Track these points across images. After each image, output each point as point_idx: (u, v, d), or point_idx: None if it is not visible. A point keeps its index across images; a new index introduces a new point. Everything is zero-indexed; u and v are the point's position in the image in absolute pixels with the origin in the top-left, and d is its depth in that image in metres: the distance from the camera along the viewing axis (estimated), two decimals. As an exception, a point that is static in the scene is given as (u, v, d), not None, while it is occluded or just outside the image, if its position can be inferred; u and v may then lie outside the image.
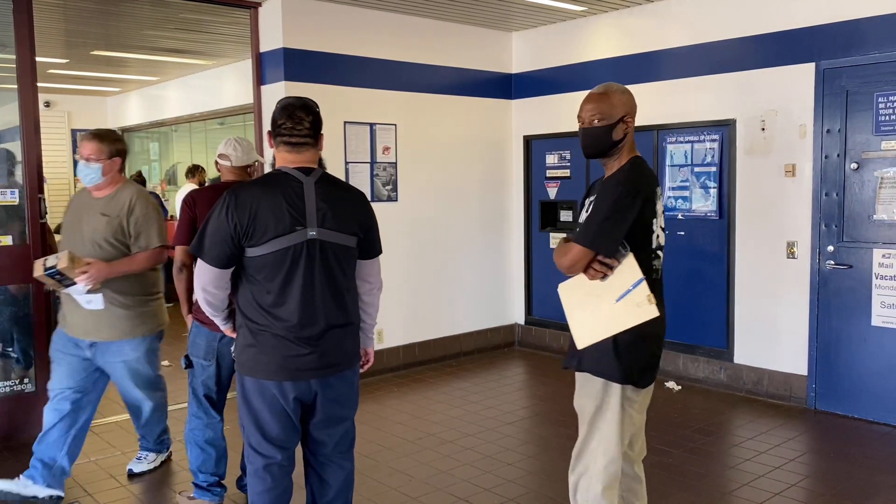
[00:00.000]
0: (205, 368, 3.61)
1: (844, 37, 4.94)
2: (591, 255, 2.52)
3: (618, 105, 2.60)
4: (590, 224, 2.54)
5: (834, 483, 4.02)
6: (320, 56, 5.80)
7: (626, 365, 2.57)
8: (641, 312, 2.51)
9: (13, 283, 4.73)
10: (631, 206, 2.50)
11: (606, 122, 2.59)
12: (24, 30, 4.64)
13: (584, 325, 2.60)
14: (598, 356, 2.59)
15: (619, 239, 2.51)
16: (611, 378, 2.58)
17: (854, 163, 4.94)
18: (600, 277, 2.54)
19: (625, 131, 2.61)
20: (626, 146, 2.63)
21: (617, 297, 2.53)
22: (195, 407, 3.69)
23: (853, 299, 4.97)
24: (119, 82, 10.31)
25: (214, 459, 3.72)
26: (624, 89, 2.66)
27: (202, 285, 2.67)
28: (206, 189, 3.75)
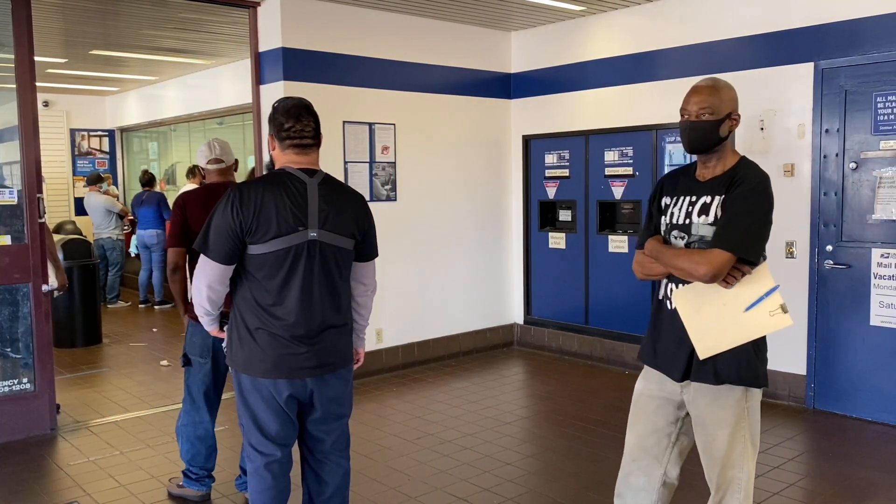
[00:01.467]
0: (202, 366, 3.69)
1: (843, 36, 4.94)
2: (735, 260, 2.40)
3: (726, 100, 2.51)
4: (736, 229, 2.39)
5: (832, 482, 4.02)
6: (319, 56, 5.80)
7: (763, 368, 2.53)
8: (775, 322, 2.43)
9: (12, 282, 4.72)
10: (770, 212, 2.45)
11: (715, 118, 2.49)
12: (23, 29, 4.64)
13: (708, 335, 2.47)
14: (738, 364, 2.47)
15: (764, 245, 2.44)
16: (754, 384, 2.50)
17: (853, 162, 4.94)
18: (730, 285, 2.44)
19: (731, 128, 2.53)
20: (728, 144, 2.55)
21: (747, 305, 2.43)
22: (188, 404, 3.78)
23: (852, 299, 4.97)
24: (118, 82, 10.30)
25: (204, 455, 3.80)
26: (731, 85, 2.57)
27: (207, 282, 2.66)
28: (198, 191, 3.77)
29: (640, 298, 6.13)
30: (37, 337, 4.79)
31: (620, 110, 6.24)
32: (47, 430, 4.85)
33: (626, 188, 6.24)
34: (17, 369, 4.85)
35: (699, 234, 2.49)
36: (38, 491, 3.99)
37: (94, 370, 6.59)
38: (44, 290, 4.78)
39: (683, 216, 2.56)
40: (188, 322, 3.70)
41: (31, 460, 4.43)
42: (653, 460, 2.68)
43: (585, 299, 6.57)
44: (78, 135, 11.45)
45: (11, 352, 4.94)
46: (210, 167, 3.80)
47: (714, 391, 2.52)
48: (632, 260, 2.75)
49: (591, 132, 6.46)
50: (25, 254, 4.72)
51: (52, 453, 4.56)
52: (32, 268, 4.74)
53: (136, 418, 5.19)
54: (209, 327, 2.86)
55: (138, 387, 5.97)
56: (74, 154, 11.43)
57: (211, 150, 3.80)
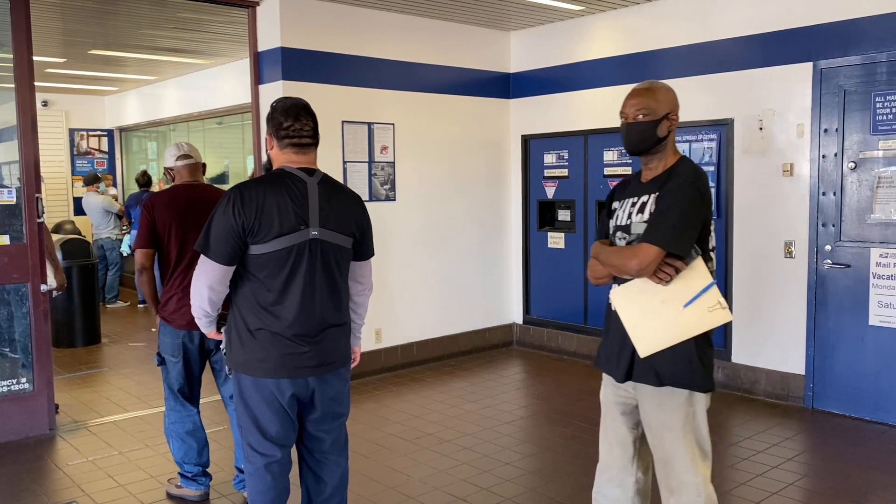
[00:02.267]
0: (174, 365, 3.73)
1: (842, 36, 4.94)
2: (663, 256, 2.40)
3: (663, 101, 2.53)
4: (663, 224, 2.41)
5: (831, 482, 4.02)
6: (318, 55, 5.80)
7: (707, 371, 2.50)
8: (714, 317, 2.41)
9: (10, 282, 4.72)
10: (702, 206, 2.45)
11: (651, 118, 2.52)
12: (22, 29, 4.64)
13: (648, 333, 2.46)
14: (680, 367, 2.46)
15: (694, 240, 2.43)
16: (698, 388, 2.48)
17: (851, 162, 4.94)
18: (667, 281, 2.43)
19: (669, 128, 2.54)
20: (669, 144, 2.57)
21: (685, 301, 2.42)
22: (172, 401, 3.81)
23: (851, 299, 4.97)
24: (117, 81, 10.29)
25: (196, 450, 3.82)
26: (669, 87, 2.60)
27: (209, 284, 2.64)
28: (166, 192, 3.79)
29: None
30: (35, 337, 4.79)
31: (619, 110, 6.22)
32: (46, 430, 4.84)
33: (625, 188, 6.23)
34: (15, 369, 4.85)
35: (637, 232, 2.52)
36: (37, 491, 3.98)
37: (92, 370, 6.59)
38: (42, 290, 4.78)
39: (626, 217, 2.59)
40: (159, 322, 3.75)
41: (30, 460, 4.42)
42: (622, 470, 2.69)
43: (585, 299, 6.57)
44: (77, 134, 11.44)
45: (10, 352, 4.94)
46: (180, 164, 3.81)
47: (658, 394, 2.52)
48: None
49: (590, 132, 6.46)
50: (24, 254, 4.71)
51: (50, 453, 4.56)
52: (31, 268, 4.74)
53: (135, 418, 5.19)
54: (206, 329, 2.84)
55: (137, 387, 5.97)
56: (73, 154, 11.42)
57: (178, 149, 3.84)
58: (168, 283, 3.70)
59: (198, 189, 3.80)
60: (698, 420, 2.53)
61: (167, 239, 3.66)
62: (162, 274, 3.76)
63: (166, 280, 3.71)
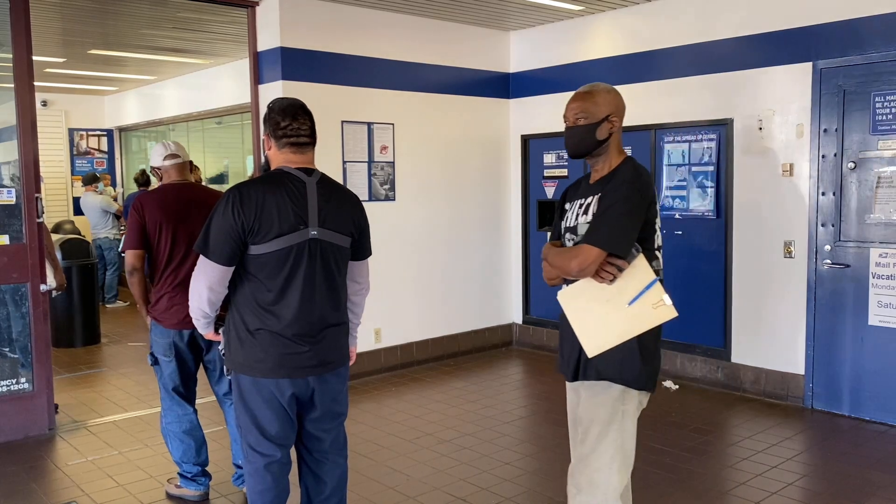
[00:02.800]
0: (167, 364, 3.73)
1: (841, 36, 4.94)
2: (604, 256, 2.41)
3: (602, 104, 2.53)
4: (602, 224, 2.43)
5: (831, 482, 4.02)
6: (318, 55, 5.79)
7: (648, 370, 2.50)
8: (659, 314, 2.42)
9: (10, 282, 4.72)
10: (641, 205, 2.46)
11: (590, 121, 2.53)
12: (21, 29, 4.64)
13: (594, 332, 2.47)
14: (621, 362, 2.46)
15: (634, 239, 2.44)
16: (634, 384, 2.47)
17: (851, 162, 4.94)
18: (610, 280, 2.44)
19: (609, 130, 2.54)
20: (612, 146, 2.57)
21: (629, 300, 2.42)
22: (168, 401, 3.81)
23: (850, 299, 4.97)
24: (116, 81, 10.28)
25: (195, 449, 3.82)
26: (610, 89, 2.59)
27: (208, 285, 2.64)
28: (154, 192, 3.77)
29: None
30: (35, 337, 4.79)
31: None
32: (46, 430, 4.84)
33: (624, 188, 6.23)
34: (15, 369, 4.85)
35: (582, 233, 2.52)
36: (37, 491, 3.98)
37: (92, 370, 6.58)
38: (42, 290, 4.78)
39: (574, 218, 2.60)
40: (150, 322, 3.74)
41: (30, 460, 4.42)
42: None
43: (584, 299, 6.56)
44: (76, 134, 11.43)
45: (10, 351, 4.94)
46: (167, 163, 3.80)
47: (593, 387, 2.53)
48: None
49: (590, 132, 6.45)
50: (24, 253, 4.71)
51: (50, 453, 4.55)
52: (31, 267, 4.73)
53: (135, 418, 5.18)
54: (204, 330, 2.84)
55: (137, 386, 5.97)
56: (73, 154, 11.41)
57: (166, 148, 3.83)
58: (158, 283, 3.69)
59: (187, 188, 3.79)
60: (627, 422, 2.51)
61: (157, 239, 3.65)
62: (152, 274, 3.74)
63: (157, 280, 3.70)
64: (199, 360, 3.81)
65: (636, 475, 4.08)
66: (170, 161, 3.79)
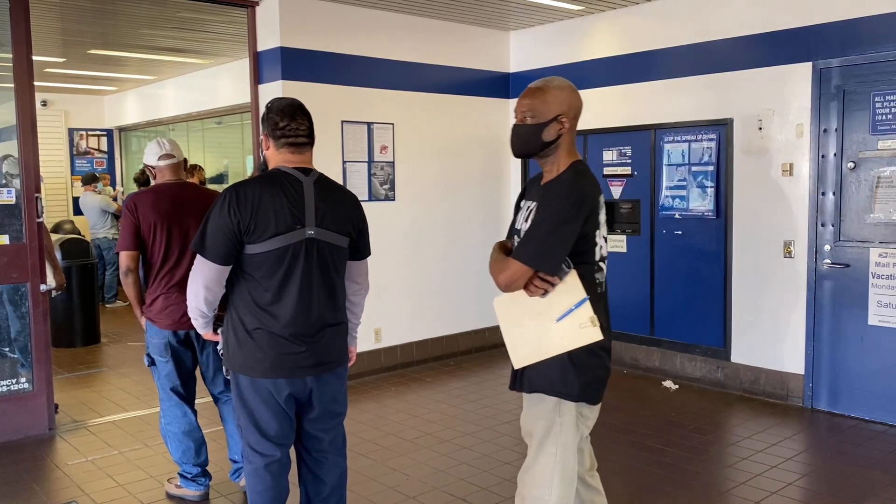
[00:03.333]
0: (164, 364, 3.72)
1: (841, 36, 4.94)
2: (530, 273, 2.30)
3: (552, 102, 2.34)
4: (531, 239, 2.31)
5: (831, 482, 4.02)
6: (317, 55, 5.79)
7: (583, 381, 2.36)
8: (584, 335, 2.30)
9: (10, 282, 4.72)
10: (575, 220, 2.28)
11: (537, 121, 2.35)
12: (21, 29, 4.64)
13: (522, 344, 2.38)
14: (552, 373, 2.36)
15: (563, 256, 2.30)
16: (567, 396, 2.36)
17: (851, 162, 4.94)
18: (541, 294, 2.33)
19: (558, 132, 2.35)
20: (562, 149, 2.39)
21: (558, 316, 2.31)
22: (166, 402, 3.80)
23: (850, 298, 4.98)
24: (116, 81, 10.28)
25: (194, 450, 3.81)
26: (564, 85, 2.39)
27: (205, 284, 2.64)
28: (148, 192, 3.72)
29: (637, 298, 6.13)
30: (35, 336, 4.79)
31: (619, 110, 6.24)
32: (45, 430, 4.84)
33: (624, 188, 6.24)
34: (15, 369, 4.85)
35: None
36: (37, 490, 3.98)
37: (92, 370, 6.58)
38: (42, 290, 4.78)
39: (521, 221, 2.50)
40: (146, 323, 3.73)
41: (30, 460, 4.42)
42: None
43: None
44: (76, 134, 11.43)
45: (10, 351, 4.93)
46: (162, 163, 3.76)
47: (530, 399, 2.44)
48: (630, 260, 2.77)
49: (590, 132, 6.46)
50: (24, 253, 4.71)
51: (50, 453, 4.55)
52: (31, 267, 4.73)
53: (135, 418, 5.18)
54: (203, 330, 2.84)
55: (136, 386, 5.97)
56: (73, 154, 11.41)
57: (161, 147, 3.78)
58: (153, 283, 3.67)
59: (181, 188, 3.76)
60: (566, 435, 2.40)
61: (151, 240, 3.62)
62: (146, 274, 3.71)
63: (151, 280, 3.68)
64: (196, 360, 3.80)
65: (635, 474, 4.10)
66: (164, 161, 3.75)
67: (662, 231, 5.98)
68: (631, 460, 4.32)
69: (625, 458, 4.36)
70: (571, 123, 2.38)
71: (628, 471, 4.18)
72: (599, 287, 2.40)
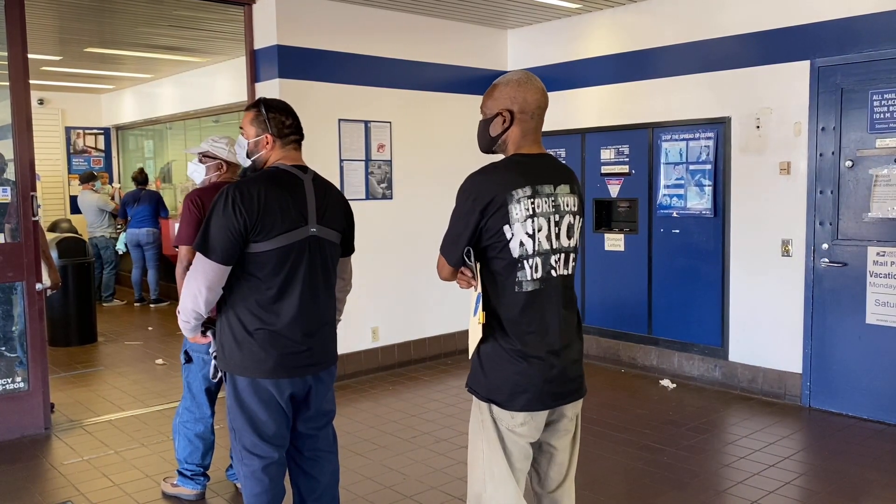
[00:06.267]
0: (206, 363, 3.67)
1: (839, 34, 4.94)
2: (445, 262, 2.37)
3: (499, 98, 2.34)
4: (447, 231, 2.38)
5: (828, 480, 4.02)
6: (314, 53, 5.78)
7: (491, 383, 2.31)
8: (477, 331, 2.28)
9: (5, 280, 4.70)
10: (470, 212, 2.27)
11: (485, 116, 2.39)
12: (16, 26, 4.62)
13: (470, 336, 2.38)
14: (471, 372, 2.40)
15: (460, 246, 2.30)
16: (476, 394, 2.37)
17: (849, 160, 4.94)
18: (466, 286, 2.35)
19: (503, 126, 2.34)
20: (509, 143, 2.36)
21: (473, 310, 2.32)
22: (189, 401, 3.77)
23: (848, 297, 4.97)
24: (113, 80, 10.26)
25: (202, 452, 3.81)
26: (511, 80, 2.36)
27: (207, 284, 2.58)
28: (211, 188, 3.69)
29: (635, 297, 6.13)
30: (30, 335, 4.77)
31: (616, 108, 6.24)
32: (41, 430, 4.83)
33: (622, 186, 6.23)
34: (10, 368, 4.83)
35: None
36: (32, 490, 3.97)
37: (88, 369, 6.57)
38: (37, 289, 4.76)
39: None
40: None
41: (25, 460, 4.41)
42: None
43: (581, 298, 6.56)
44: (73, 133, 11.41)
45: (6, 350, 4.92)
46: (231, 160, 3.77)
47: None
48: (627, 259, 2.72)
49: (588, 130, 6.45)
50: (19, 252, 4.69)
51: (46, 452, 4.54)
52: (26, 266, 4.72)
53: (131, 417, 5.17)
54: (192, 334, 2.78)
55: (133, 385, 5.96)
56: (70, 152, 11.38)
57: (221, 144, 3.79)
58: None
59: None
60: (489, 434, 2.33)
61: None
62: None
63: None
64: None
65: (633, 473, 4.09)
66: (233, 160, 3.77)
67: (660, 230, 5.97)
68: (628, 459, 4.31)
69: (622, 456, 4.35)
70: (518, 118, 2.33)
71: (625, 470, 4.18)
72: (518, 286, 2.27)
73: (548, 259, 2.30)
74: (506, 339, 2.29)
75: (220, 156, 3.77)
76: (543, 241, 2.29)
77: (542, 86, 2.39)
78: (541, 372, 2.29)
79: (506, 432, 2.33)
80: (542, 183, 2.31)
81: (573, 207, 2.39)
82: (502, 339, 2.29)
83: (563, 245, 2.35)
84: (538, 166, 2.35)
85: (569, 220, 2.36)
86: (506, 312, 2.29)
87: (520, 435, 2.33)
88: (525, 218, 2.26)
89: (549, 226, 2.31)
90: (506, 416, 2.31)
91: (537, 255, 2.28)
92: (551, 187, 2.32)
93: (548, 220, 2.30)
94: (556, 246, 2.32)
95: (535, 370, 2.28)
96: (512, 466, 2.33)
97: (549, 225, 2.30)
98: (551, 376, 2.31)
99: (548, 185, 2.32)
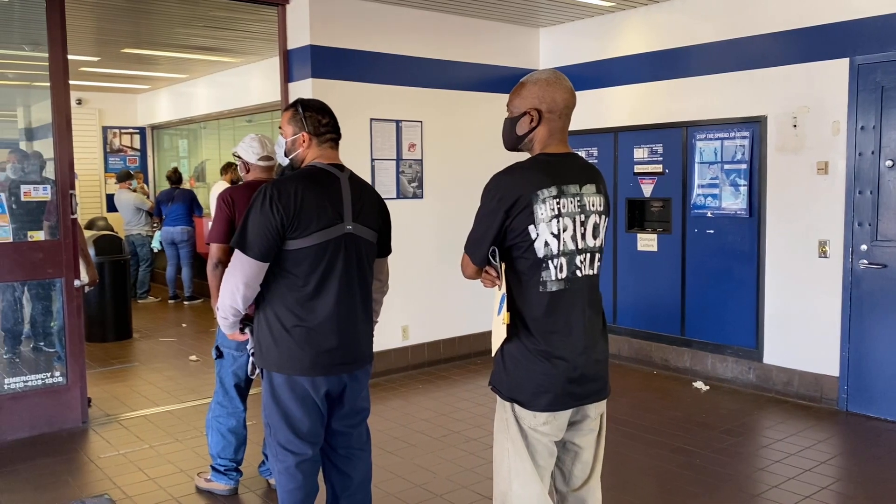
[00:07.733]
0: (236, 359, 3.73)
1: (879, 31, 4.84)
2: (469, 260, 2.36)
3: (527, 97, 2.34)
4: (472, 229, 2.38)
5: (865, 486, 3.94)
6: (347, 53, 5.81)
7: (512, 381, 2.32)
8: (502, 331, 2.27)
9: (45, 277, 4.80)
10: (494, 212, 2.27)
11: (512, 115, 2.39)
12: (57, 29, 4.71)
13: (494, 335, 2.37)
14: (495, 370, 2.40)
15: (484, 245, 2.29)
16: (500, 393, 2.37)
17: (889, 160, 4.83)
18: (491, 286, 2.34)
19: (530, 126, 2.34)
20: (536, 142, 2.35)
21: (497, 310, 2.31)
22: (221, 396, 3.82)
23: (887, 299, 4.87)
24: (149, 80, 10.42)
25: (234, 447, 3.85)
26: (540, 79, 2.34)
27: (245, 281, 2.62)
28: (243, 187, 3.73)
29: (668, 298, 6.07)
30: (69, 331, 4.87)
31: (650, 107, 6.18)
32: (79, 423, 4.92)
33: (655, 186, 6.17)
34: (49, 362, 4.94)
35: None
36: (70, 483, 4.05)
37: (124, 364, 6.68)
38: (76, 286, 4.85)
39: None
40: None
41: (64, 452, 4.50)
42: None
43: (613, 298, 6.52)
44: (110, 132, 11.61)
45: (45, 345, 5.03)
46: (261, 164, 3.78)
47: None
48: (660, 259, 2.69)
49: (621, 129, 6.40)
50: (58, 249, 4.79)
51: (83, 446, 4.63)
52: (65, 263, 4.81)
53: (166, 412, 5.25)
54: (230, 330, 2.83)
55: (167, 381, 6.04)
56: (106, 151, 11.59)
57: (263, 147, 3.78)
58: None
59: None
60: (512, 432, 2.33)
61: None
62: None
63: None
64: None
65: (665, 476, 4.05)
66: (264, 162, 3.77)
67: (694, 230, 5.90)
68: (660, 461, 4.27)
69: (654, 459, 4.31)
70: (546, 117, 2.33)
71: (657, 472, 4.14)
72: (543, 286, 2.25)
73: (573, 259, 2.29)
74: (530, 339, 2.28)
75: (241, 155, 3.81)
76: (569, 241, 2.28)
77: (570, 85, 2.37)
78: (564, 372, 2.28)
79: (529, 431, 2.32)
80: (568, 183, 2.29)
81: (599, 207, 2.37)
82: (526, 338, 2.28)
83: (589, 245, 2.33)
84: (564, 166, 2.33)
85: (594, 220, 2.34)
86: (530, 312, 2.28)
87: (543, 434, 2.33)
88: (550, 218, 2.24)
89: (575, 226, 2.29)
90: (528, 415, 2.31)
91: (562, 255, 2.27)
92: (577, 187, 2.31)
93: (573, 220, 2.28)
94: (581, 246, 2.30)
95: (559, 370, 2.27)
96: (536, 464, 2.33)
97: (574, 225, 2.29)
98: (574, 377, 2.29)
99: (573, 184, 2.30)
